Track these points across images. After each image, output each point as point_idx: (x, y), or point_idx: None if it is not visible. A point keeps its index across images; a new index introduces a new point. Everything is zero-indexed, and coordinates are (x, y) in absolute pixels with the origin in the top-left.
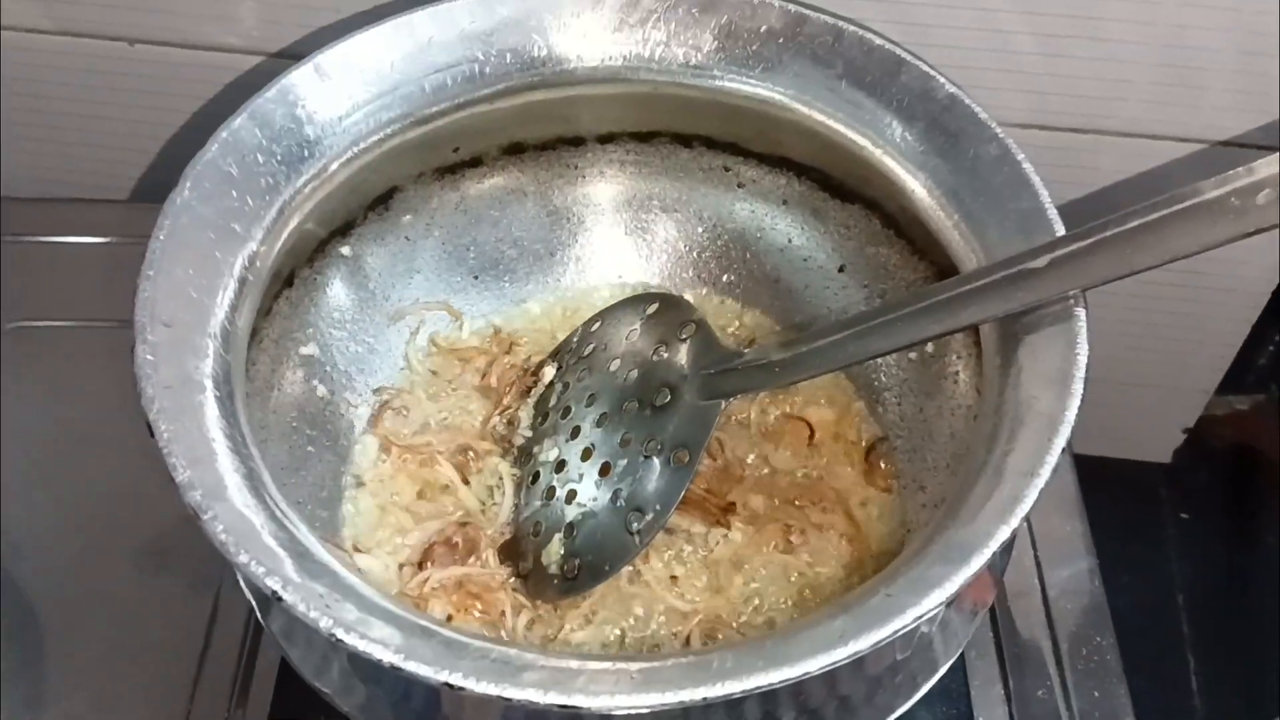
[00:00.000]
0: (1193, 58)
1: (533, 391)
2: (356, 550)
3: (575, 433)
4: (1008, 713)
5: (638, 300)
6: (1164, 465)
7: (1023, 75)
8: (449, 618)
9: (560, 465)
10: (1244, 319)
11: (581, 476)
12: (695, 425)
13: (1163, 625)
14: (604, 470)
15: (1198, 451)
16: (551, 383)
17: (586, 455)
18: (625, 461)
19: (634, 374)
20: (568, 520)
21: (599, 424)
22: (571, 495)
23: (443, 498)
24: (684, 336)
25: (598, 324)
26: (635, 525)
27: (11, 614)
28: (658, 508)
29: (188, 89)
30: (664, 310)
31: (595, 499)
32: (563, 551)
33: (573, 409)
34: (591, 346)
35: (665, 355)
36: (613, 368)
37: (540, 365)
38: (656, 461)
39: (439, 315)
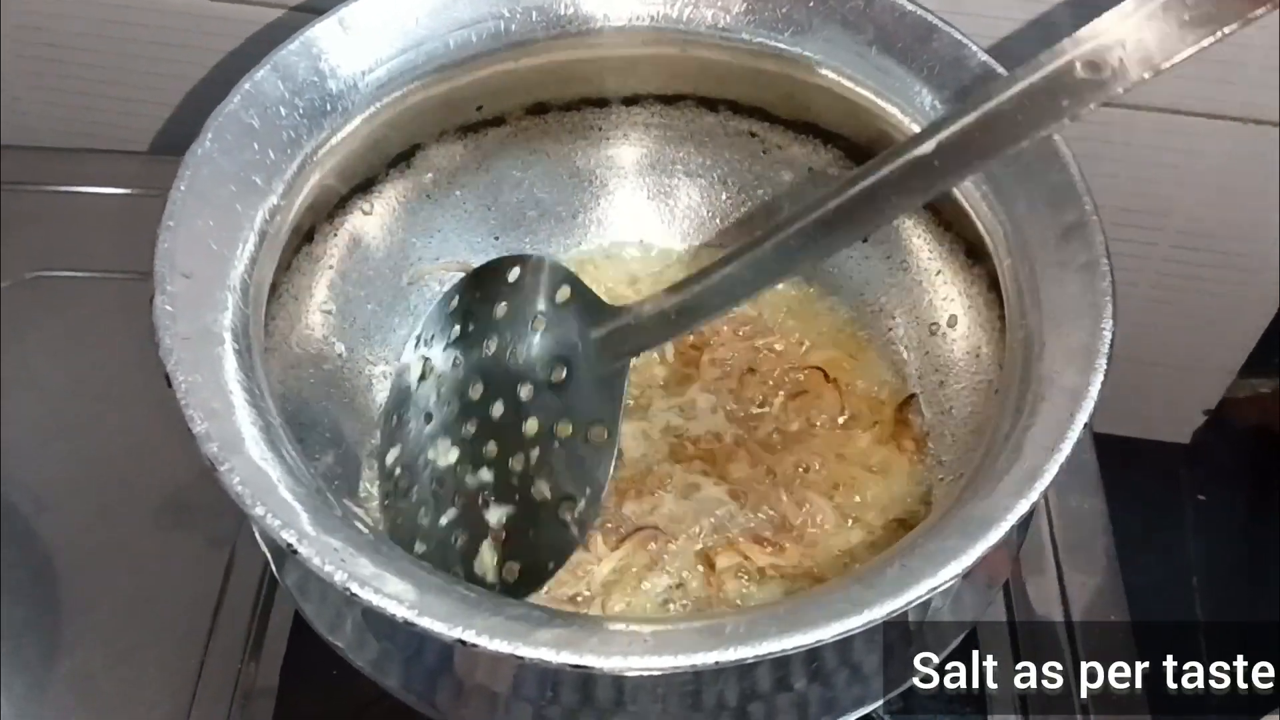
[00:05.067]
0: (1232, 34)
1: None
2: None
3: (468, 429)
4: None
5: (495, 268)
6: (1183, 446)
7: None
8: None
9: (461, 466)
10: (1269, 300)
11: (494, 475)
12: (603, 396)
13: (1176, 606)
14: (516, 464)
15: (1218, 433)
16: (423, 376)
17: (491, 452)
18: (538, 450)
19: (518, 352)
20: (492, 525)
21: (495, 414)
22: (487, 499)
23: None
24: (560, 301)
25: (454, 301)
26: (568, 516)
27: (26, 565)
28: (588, 491)
29: (207, 41)
30: (528, 275)
31: (517, 497)
32: (497, 558)
33: (459, 405)
34: (457, 329)
35: (546, 325)
36: (490, 350)
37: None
38: (574, 443)
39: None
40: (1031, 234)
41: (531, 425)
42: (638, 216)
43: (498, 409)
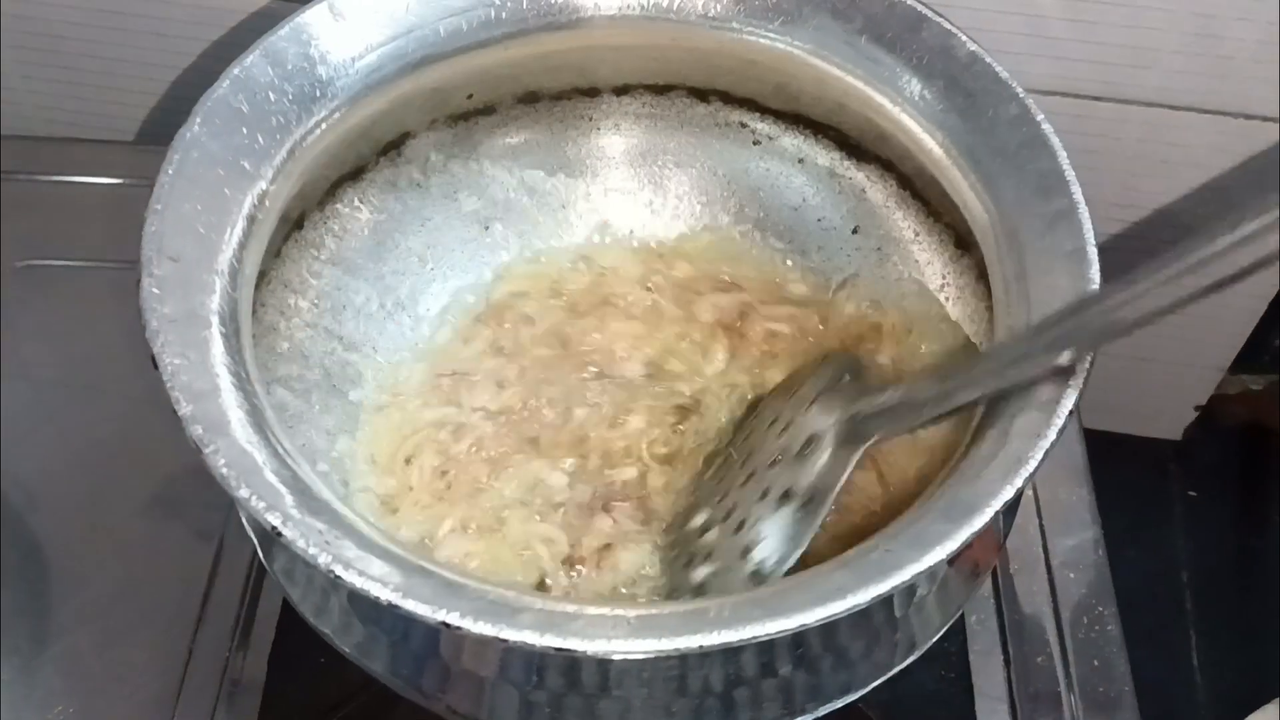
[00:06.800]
0: (1221, 27)
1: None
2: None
3: (725, 494)
4: (1006, 678)
5: (818, 361)
6: (1174, 442)
7: (1047, 40)
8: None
9: (704, 530)
10: (1260, 296)
11: (720, 537)
12: (829, 473)
13: (1166, 601)
14: (738, 528)
15: (1208, 430)
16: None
17: (728, 515)
18: (759, 516)
19: (788, 428)
20: (696, 583)
21: (745, 483)
22: (707, 556)
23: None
24: (842, 383)
25: (778, 387)
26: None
27: (16, 550)
28: (780, 557)
29: (193, 30)
30: (830, 365)
31: (726, 557)
32: None
33: (727, 470)
34: (764, 409)
35: (818, 406)
36: (771, 425)
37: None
38: (786, 511)
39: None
40: (1019, 222)
41: (764, 494)
42: (628, 206)
43: (748, 479)
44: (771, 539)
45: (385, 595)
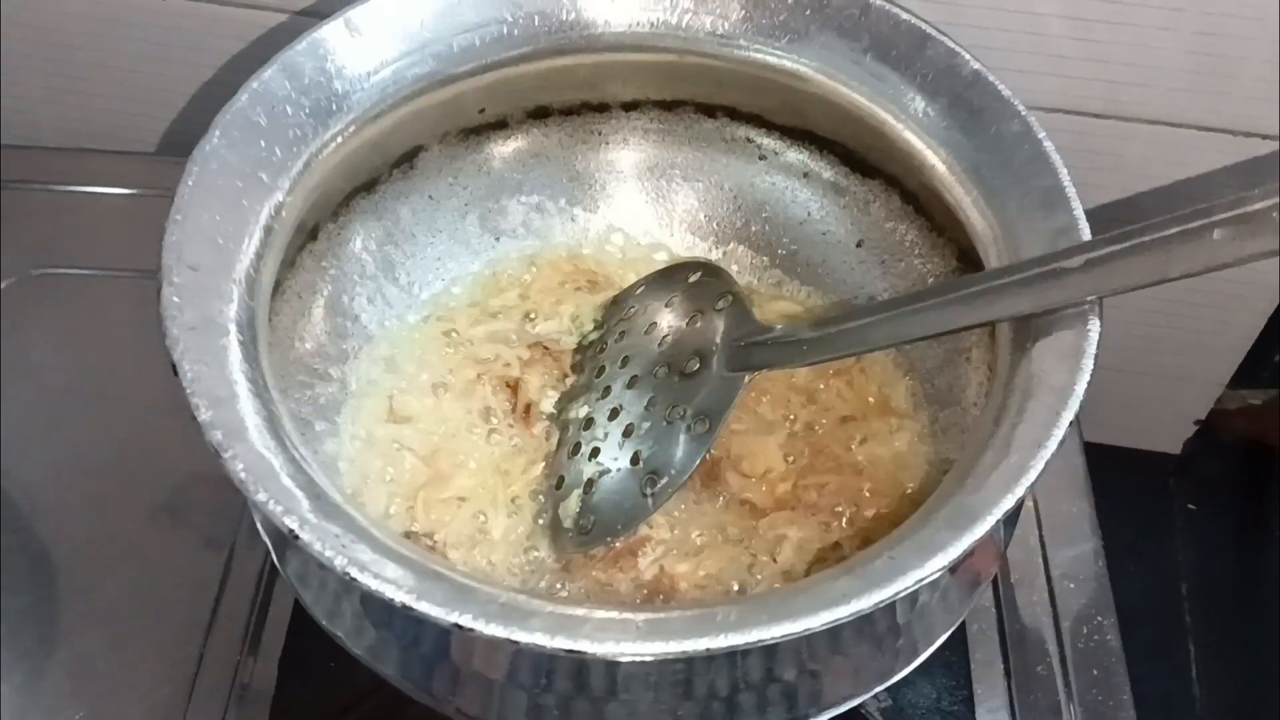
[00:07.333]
0: (1224, 46)
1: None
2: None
3: (606, 392)
4: (1006, 687)
5: (682, 267)
6: (1174, 456)
7: (1051, 58)
8: None
9: (588, 423)
10: (1260, 312)
11: (606, 435)
12: (719, 396)
13: (1166, 614)
14: (627, 431)
15: (1208, 444)
16: (592, 342)
17: (614, 415)
18: (649, 425)
19: (668, 339)
20: (586, 477)
21: (629, 386)
22: (595, 452)
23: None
24: (720, 307)
25: (642, 288)
26: (650, 489)
27: (26, 556)
28: (673, 473)
29: (212, 44)
30: (705, 279)
31: (616, 459)
32: (579, 508)
33: (606, 369)
34: (633, 309)
35: (700, 324)
36: (649, 331)
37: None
38: (679, 427)
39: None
40: (1022, 238)
41: (653, 402)
42: (636, 219)
43: (633, 382)
44: (661, 453)
45: (400, 597)
